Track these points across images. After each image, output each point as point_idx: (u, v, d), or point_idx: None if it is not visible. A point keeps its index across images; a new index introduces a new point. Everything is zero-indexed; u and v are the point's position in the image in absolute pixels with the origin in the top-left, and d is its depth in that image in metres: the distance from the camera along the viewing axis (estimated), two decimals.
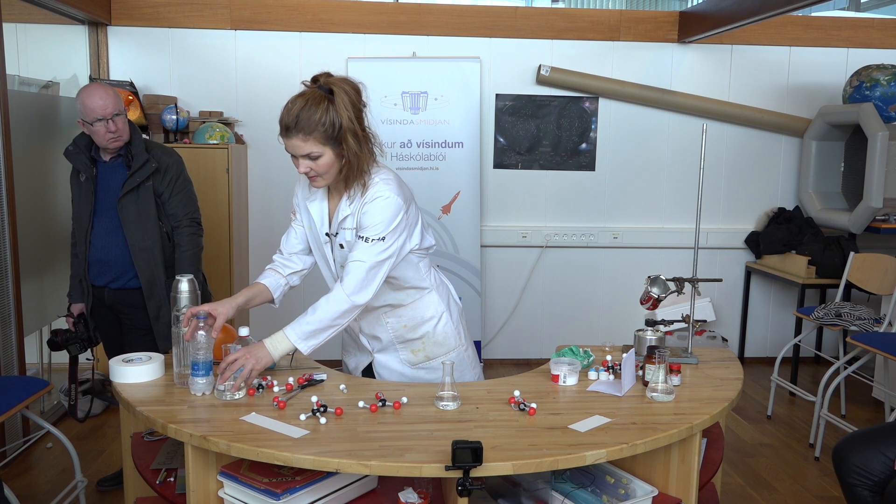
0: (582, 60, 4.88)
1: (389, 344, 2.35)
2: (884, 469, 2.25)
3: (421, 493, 1.81)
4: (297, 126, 1.99)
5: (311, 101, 1.99)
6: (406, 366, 2.35)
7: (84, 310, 3.12)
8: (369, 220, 2.10)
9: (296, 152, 2.04)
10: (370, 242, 2.09)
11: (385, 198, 2.09)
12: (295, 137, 2.01)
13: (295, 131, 2.00)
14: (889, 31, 5.03)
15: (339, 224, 2.18)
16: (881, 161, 4.35)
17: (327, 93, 2.01)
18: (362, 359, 2.42)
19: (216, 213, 4.24)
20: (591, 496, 1.86)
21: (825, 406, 3.69)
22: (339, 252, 2.22)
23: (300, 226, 2.31)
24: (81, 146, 3.05)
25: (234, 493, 1.81)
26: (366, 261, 2.08)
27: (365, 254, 2.08)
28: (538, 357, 5.11)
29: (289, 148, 2.05)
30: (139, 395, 2.02)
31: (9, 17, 3.64)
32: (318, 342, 2.09)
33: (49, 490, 3.22)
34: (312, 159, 2.03)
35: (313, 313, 2.10)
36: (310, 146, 2.01)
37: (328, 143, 2.01)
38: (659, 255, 5.10)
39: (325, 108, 1.99)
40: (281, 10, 4.68)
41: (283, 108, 2.03)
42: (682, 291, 2.40)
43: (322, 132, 1.99)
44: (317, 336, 2.09)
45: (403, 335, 2.33)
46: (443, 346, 2.36)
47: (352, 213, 2.15)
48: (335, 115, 1.99)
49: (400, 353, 2.35)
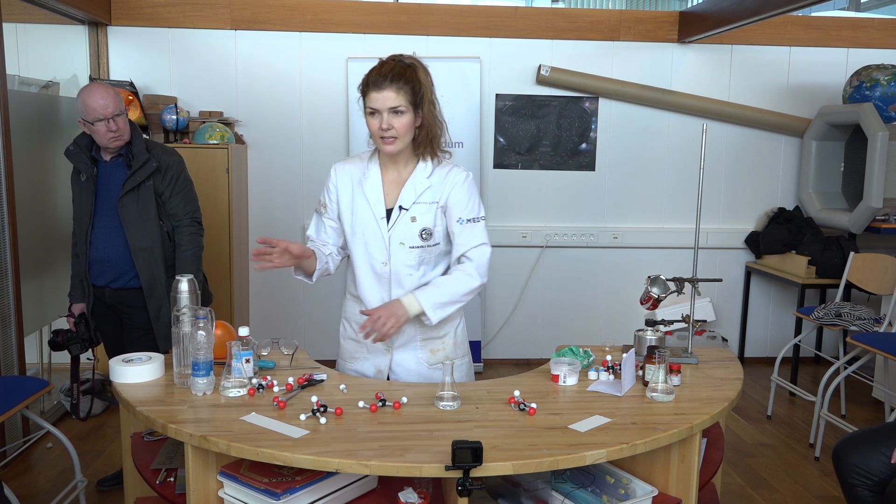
0: (582, 60, 4.88)
1: (411, 340, 2.31)
2: (884, 469, 2.25)
3: (421, 493, 1.81)
4: (389, 80, 2.07)
5: (399, 66, 2.11)
6: (423, 365, 2.33)
7: (85, 310, 3.12)
8: (468, 200, 2.22)
9: (383, 105, 2.08)
10: (478, 222, 2.23)
11: (471, 179, 2.25)
12: (388, 89, 2.07)
13: (387, 84, 2.07)
14: (889, 31, 5.03)
15: (418, 196, 2.20)
16: (881, 161, 4.35)
17: (408, 65, 2.13)
18: (381, 360, 2.33)
19: (216, 213, 4.25)
20: (591, 496, 1.86)
21: (825, 406, 3.69)
22: (407, 226, 2.21)
23: (330, 220, 2.31)
24: (82, 146, 3.05)
25: (234, 493, 1.82)
26: (487, 242, 2.24)
27: (483, 235, 2.23)
28: (538, 357, 5.11)
29: (376, 102, 2.09)
30: (139, 395, 2.02)
31: (9, 17, 3.64)
32: (444, 314, 2.19)
33: (49, 490, 3.22)
34: (396, 115, 2.09)
35: (444, 286, 2.19)
36: (399, 100, 2.08)
37: (412, 104, 2.11)
38: (659, 255, 5.10)
39: (411, 74, 2.11)
40: (281, 10, 4.68)
41: (367, 73, 2.12)
42: (682, 291, 2.40)
43: (409, 90, 2.09)
44: (444, 308, 2.19)
45: (428, 332, 2.31)
46: (460, 348, 2.39)
47: (431, 187, 2.20)
48: (419, 82, 2.11)
49: (418, 352, 2.32)
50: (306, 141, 4.83)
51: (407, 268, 2.23)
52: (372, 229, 2.24)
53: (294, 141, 4.82)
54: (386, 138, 2.12)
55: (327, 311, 4.93)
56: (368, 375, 2.33)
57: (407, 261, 2.22)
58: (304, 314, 4.97)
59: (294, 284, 4.89)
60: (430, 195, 2.21)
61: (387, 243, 2.22)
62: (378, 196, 2.23)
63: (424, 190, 2.21)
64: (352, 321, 2.37)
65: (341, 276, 4.88)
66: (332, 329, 4.96)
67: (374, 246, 2.24)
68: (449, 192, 2.21)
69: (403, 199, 2.21)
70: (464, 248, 2.22)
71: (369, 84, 2.10)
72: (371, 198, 2.23)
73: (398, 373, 2.33)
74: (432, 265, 2.27)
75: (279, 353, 2.38)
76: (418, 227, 2.21)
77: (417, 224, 2.21)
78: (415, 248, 2.22)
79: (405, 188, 2.21)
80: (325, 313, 4.93)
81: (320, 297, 4.91)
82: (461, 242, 2.22)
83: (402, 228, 2.22)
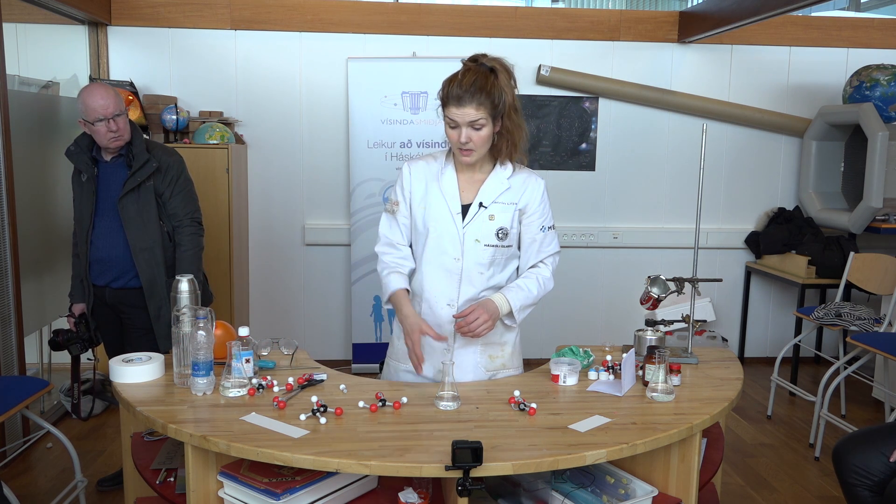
0: (582, 60, 4.88)
1: (471, 343, 2.26)
2: (884, 469, 2.25)
3: (421, 493, 1.81)
4: (471, 95, 2.05)
5: (480, 74, 2.08)
6: (481, 370, 2.29)
7: (85, 310, 3.12)
8: (544, 207, 2.26)
9: (464, 120, 2.07)
10: (554, 230, 2.30)
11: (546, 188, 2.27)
12: (468, 105, 2.06)
13: (468, 99, 2.05)
14: (889, 31, 5.03)
15: (498, 196, 2.20)
16: (881, 161, 4.35)
17: (490, 70, 2.09)
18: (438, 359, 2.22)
19: (216, 213, 4.25)
20: (591, 496, 1.86)
21: (825, 406, 3.69)
22: (484, 223, 2.20)
23: (405, 217, 2.28)
24: (83, 146, 3.05)
25: (234, 493, 1.81)
26: (560, 250, 2.33)
27: (558, 243, 2.32)
28: (538, 357, 5.10)
29: (457, 116, 2.08)
30: (139, 395, 2.02)
31: (9, 17, 3.64)
32: (525, 315, 2.26)
33: (49, 490, 3.22)
34: (475, 129, 2.08)
35: (528, 289, 2.23)
36: (479, 115, 2.07)
37: (492, 116, 2.09)
38: (659, 255, 5.10)
39: (492, 83, 2.08)
40: (281, 10, 4.68)
41: (448, 82, 2.10)
42: (682, 291, 2.40)
43: (490, 104, 2.07)
44: (525, 310, 2.25)
45: (490, 337, 2.26)
46: (517, 359, 2.37)
47: (511, 188, 2.21)
48: (500, 91, 2.09)
49: (478, 357, 2.28)
50: (306, 141, 4.83)
51: (479, 266, 2.21)
52: (446, 224, 2.21)
53: (294, 141, 4.82)
54: (464, 150, 2.12)
55: (327, 311, 4.93)
56: (428, 377, 2.25)
57: (480, 258, 2.21)
58: (304, 314, 4.97)
59: (294, 284, 4.89)
60: (510, 196, 2.21)
61: (461, 239, 2.20)
62: (454, 192, 2.21)
63: (504, 190, 2.21)
64: None
65: (341, 276, 4.91)
66: (332, 329, 5.00)
67: (448, 241, 2.21)
68: (529, 197, 2.22)
69: (483, 196, 2.20)
70: (543, 255, 2.28)
71: (450, 98, 2.08)
72: (447, 193, 2.21)
73: (455, 375, 2.25)
74: (502, 266, 2.26)
75: (279, 353, 2.38)
76: (496, 225, 2.20)
77: (495, 223, 2.20)
78: (489, 246, 2.21)
79: (485, 185, 2.21)
80: (325, 313, 4.93)
81: (320, 297, 4.91)
82: (541, 249, 2.27)
83: (479, 225, 2.20)
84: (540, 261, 2.28)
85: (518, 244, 2.28)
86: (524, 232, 2.26)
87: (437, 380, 2.23)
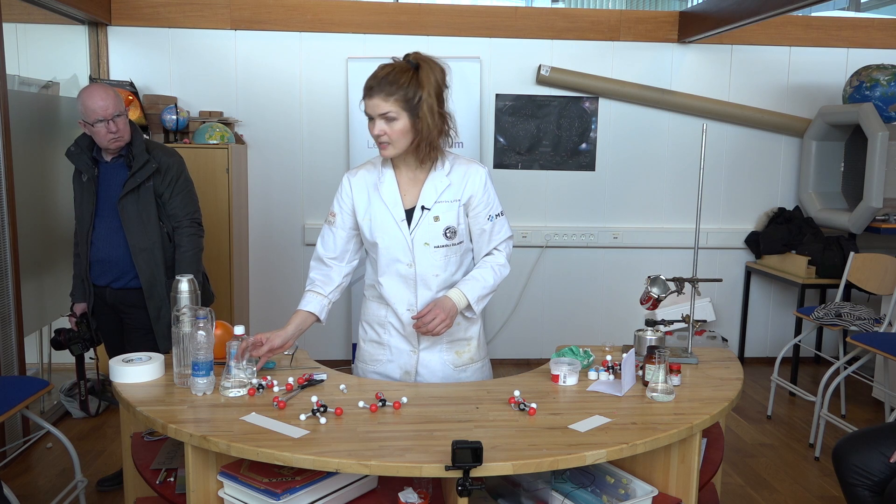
0: (582, 60, 4.88)
1: (437, 342, 2.29)
2: (883, 469, 2.25)
3: (421, 493, 1.81)
4: (380, 86, 2.06)
5: (398, 69, 2.09)
6: (448, 367, 2.31)
7: (86, 309, 3.12)
8: (488, 196, 2.23)
9: (374, 112, 2.08)
10: (502, 216, 2.28)
11: (488, 174, 2.25)
12: (376, 97, 2.07)
13: (377, 90, 2.07)
14: (889, 31, 5.03)
15: (440, 195, 2.19)
16: (881, 161, 4.35)
17: (414, 67, 2.10)
18: (408, 362, 2.30)
19: (216, 213, 4.25)
20: (591, 496, 1.86)
21: (825, 406, 3.69)
22: (430, 226, 2.19)
23: (341, 229, 2.29)
24: (83, 146, 3.05)
25: (234, 493, 1.81)
26: (511, 234, 2.32)
27: (508, 227, 2.31)
28: (538, 357, 5.11)
29: (368, 108, 2.10)
30: (139, 395, 2.02)
31: (9, 17, 3.64)
32: (483, 305, 2.27)
33: (49, 490, 3.22)
34: (388, 121, 2.08)
35: (482, 279, 2.23)
36: (388, 106, 2.06)
37: (406, 110, 2.08)
38: (659, 255, 5.10)
39: (409, 77, 2.07)
40: (281, 10, 4.68)
41: (371, 74, 2.11)
42: (682, 291, 2.40)
43: (402, 97, 2.06)
44: (484, 300, 2.27)
45: (455, 333, 2.29)
46: (482, 350, 2.39)
47: (452, 185, 2.20)
48: (417, 86, 2.07)
49: (444, 354, 2.30)
50: (306, 141, 4.83)
51: (433, 268, 2.21)
52: (393, 233, 2.21)
53: (294, 141, 4.82)
54: (380, 143, 2.13)
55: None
56: (394, 378, 2.29)
57: (433, 261, 2.21)
58: None
59: (294, 284, 4.89)
60: (452, 193, 2.20)
61: (410, 245, 2.20)
62: (395, 198, 2.20)
63: (445, 188, 2.19)
64: (373, 323, 2.34)
65: None
66: (332, 329, 4.99)
67: (398, 249, 2.21)
68: (472, 189, 2.20)
69: (425, 199, 2.19)
70: (495, 243, 2.28)
71: (363, 90, 2.10)
72: (388, 201, 2.20)
73: (423, 374, 2.30)
74: (457, 264, 2.26)
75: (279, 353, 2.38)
76: (442, 226, 2.19)
77: (441, 223, 2.19)
78: (440, 247, 2.21)
79: (425, 187, 2.19)
80: None
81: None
82: (492, 238, 2.27)
83: (426, 229, 2.19)
84: (495, 248, 2.28)
85: (469, 237, 2.28)
86: (472, 224, 2.25)
87: (404, 380, 2.28)
